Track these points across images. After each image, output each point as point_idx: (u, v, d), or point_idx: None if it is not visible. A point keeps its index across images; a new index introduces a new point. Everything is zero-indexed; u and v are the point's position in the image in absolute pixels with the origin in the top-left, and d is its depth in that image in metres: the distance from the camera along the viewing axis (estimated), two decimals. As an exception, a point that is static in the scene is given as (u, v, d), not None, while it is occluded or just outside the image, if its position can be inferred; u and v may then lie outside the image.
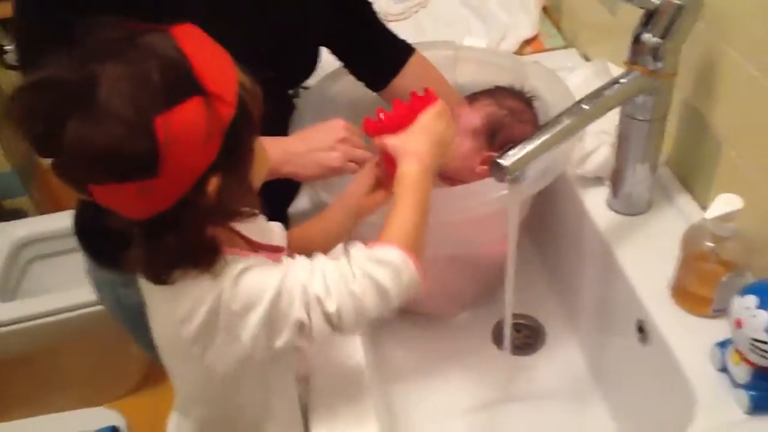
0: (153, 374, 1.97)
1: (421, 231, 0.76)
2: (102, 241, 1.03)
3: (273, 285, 0.69)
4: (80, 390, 1.87)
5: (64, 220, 1.76)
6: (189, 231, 0.65)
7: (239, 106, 0.64)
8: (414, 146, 0.81)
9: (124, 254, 0.68)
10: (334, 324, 0.71)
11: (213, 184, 0.64)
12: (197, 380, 0.78)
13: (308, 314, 0.70)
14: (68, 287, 1.67)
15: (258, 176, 0.73)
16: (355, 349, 0.91)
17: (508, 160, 0.81)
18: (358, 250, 0.73)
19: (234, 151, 0.65)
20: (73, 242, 1.02)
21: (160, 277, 0.68)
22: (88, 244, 1.07)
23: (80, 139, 0.58)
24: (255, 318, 0.69)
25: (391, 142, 0.82)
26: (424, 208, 0.77)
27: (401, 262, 0.72)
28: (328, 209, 0.92)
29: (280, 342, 0.71)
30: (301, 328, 0.71)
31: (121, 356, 1.85)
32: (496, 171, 0.81)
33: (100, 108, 0.58)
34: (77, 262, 1.11)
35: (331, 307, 0.70)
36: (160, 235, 0.65)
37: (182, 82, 0.60)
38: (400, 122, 0.85)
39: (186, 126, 0.59)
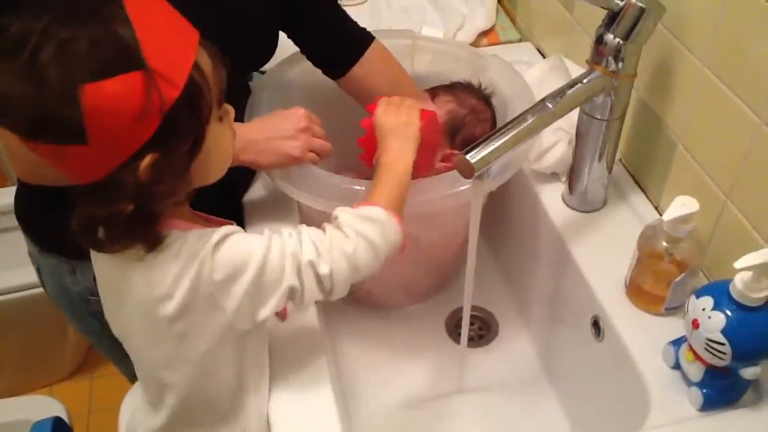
0: (88, 361, 1.92)
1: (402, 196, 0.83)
2: (44, 226, 0.99)
3: (258, 252, 0.70)
4: (10, 376, 1.80)
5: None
6: (117, 205, 0.63)
7: (188, 90, 0.61)
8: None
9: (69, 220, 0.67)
10: (326, 287, 0.74)
11: (146, 162, 0.61)
12: (173, 363, 0.76)
13: (300, 280, 0.72)
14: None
15: (215, 168, 0.72)
16: (313, 340, 0.90)
17: (475, 156, 0.80)
18: (344, 211, 0.77)
19: (173, 135, 0.62)
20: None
21: (94, 244, 0.68)
22: (31, 228, 1.01)
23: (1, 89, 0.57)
24: (240, 287, 0.69)
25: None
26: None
27: (386, 219, 0.77)
28: None
29: (264, 312, 0.72)
30: (293, 294, 0.73)
31: (56, 342, 1.79)
32: (464, 167, 0.81)
33: (26, 63, 0.56)
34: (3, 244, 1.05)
35: (324, 269, 0.72)
36: (90, 203, 0.64)
37: (122, 55, 0.58)
38: None
39: (117, 100, 0.58)
